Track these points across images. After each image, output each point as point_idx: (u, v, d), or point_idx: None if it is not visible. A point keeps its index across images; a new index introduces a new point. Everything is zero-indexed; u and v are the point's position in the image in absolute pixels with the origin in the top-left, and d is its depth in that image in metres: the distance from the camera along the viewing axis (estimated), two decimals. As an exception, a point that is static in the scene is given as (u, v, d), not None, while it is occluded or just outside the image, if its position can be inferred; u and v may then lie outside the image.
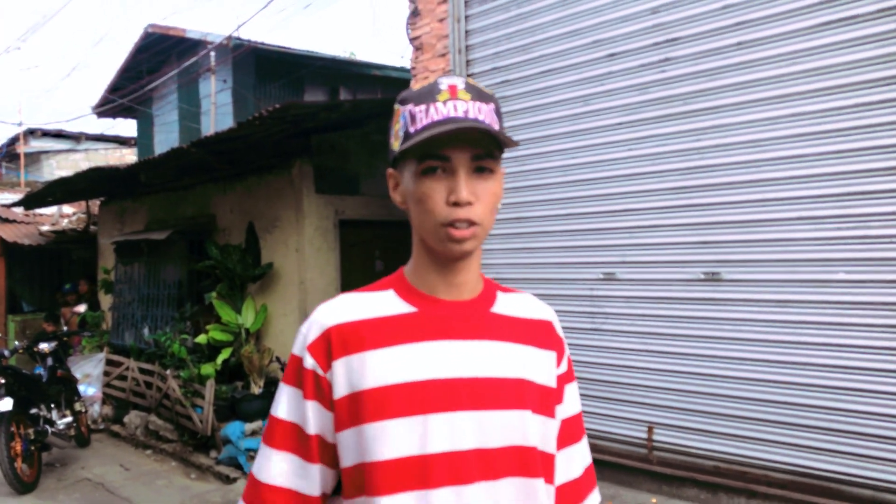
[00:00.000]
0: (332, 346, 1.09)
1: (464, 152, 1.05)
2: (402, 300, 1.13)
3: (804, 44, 3.30)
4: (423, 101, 1.07)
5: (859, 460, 3.15)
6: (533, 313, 1.21)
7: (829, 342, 3.25)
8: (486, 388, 1.09)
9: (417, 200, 1.09)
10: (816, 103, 3.27)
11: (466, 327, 1.11)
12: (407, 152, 1.07)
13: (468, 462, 1.06)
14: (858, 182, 3.17)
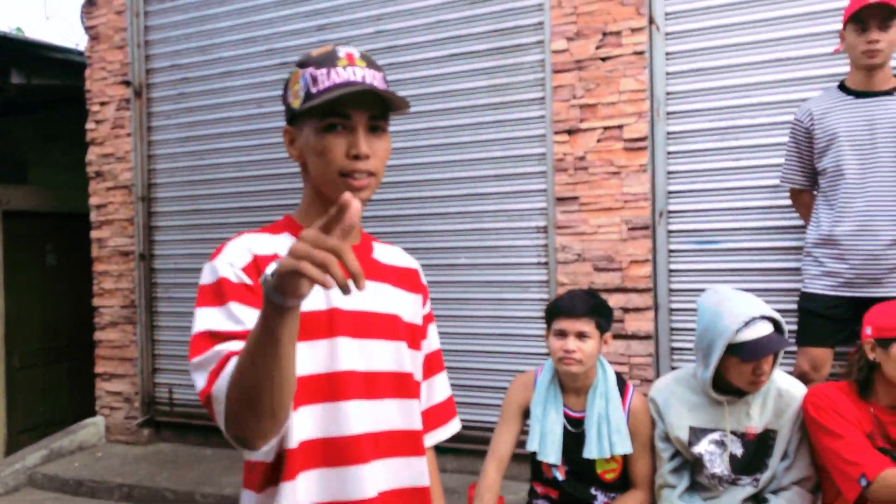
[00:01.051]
0: (260, 271, 1.16)
1: (362, 112, 1.18)
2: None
3: (446, 68, 4.02)
4: (324, 66, 1.18)
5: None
6: (402, 262, 1.38)
7: (453, 314, 3.99)
8: (371, 321, 1.25)
9: (319, 153, 1.19)
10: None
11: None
12: (311, 110, 1.17)
13: (358, 381, 1.21)
14: (472, 187, 3.95)
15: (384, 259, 1.34)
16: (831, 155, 2.74)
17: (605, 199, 3.59)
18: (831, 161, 2.74)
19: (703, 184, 3.46)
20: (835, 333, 2.76)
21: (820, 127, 2.77)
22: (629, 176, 3.52)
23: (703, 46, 3.42)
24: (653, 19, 3.47)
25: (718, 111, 3.41)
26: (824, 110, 2.78)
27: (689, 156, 3.48)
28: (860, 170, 2.68)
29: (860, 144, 2.69)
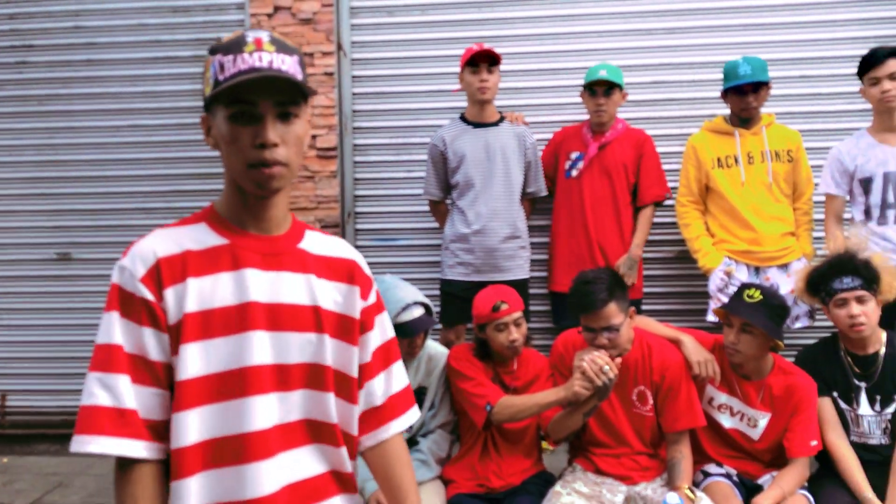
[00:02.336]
0: (162, 276, 1.18)
1: (268, 99, 1.16)
2: (215, 233, 1.25)
3: (149, 69, 4.14)
4: (231, 52, 1.17)
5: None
6: (336, 252, 1.36)
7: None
8: (284, 313, 1.24)
9: (227, 142, 1.19)
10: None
11: (271, 260, 1.25)
12: (217, 98, 1.17)
13: (267, 375, 1.22)
14: (177, 184, 4.16)
15: (314, 249, 1.33)
16: (461, 172, 3.46)
17: (302, 200, 4.04)
18: (461, 177, 3.46)
19: (384, 190, 4.07)
20: (469, 310, 3.49)
21: (451, 150, 3.48)
22: (322, 181, 4.01)
23: (385, 73, 4.03)
24: (341, 46, 4.01)
25: (396, 129, 4.04)
26: (453, 137, 3.49)
27: (373, 166, 4.07)
28: (482, 183, 3.43)
29: (481, 163, 3.43)
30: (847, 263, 2.72)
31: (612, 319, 2.58)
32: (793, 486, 2.67)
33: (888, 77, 3.04)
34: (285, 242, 1.29)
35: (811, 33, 3.82)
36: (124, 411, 1.14)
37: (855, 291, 2.67)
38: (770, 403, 2.77)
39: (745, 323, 2.67)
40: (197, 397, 1.17)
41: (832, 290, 2.73)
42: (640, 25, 3.91)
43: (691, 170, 3.45)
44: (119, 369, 1.15)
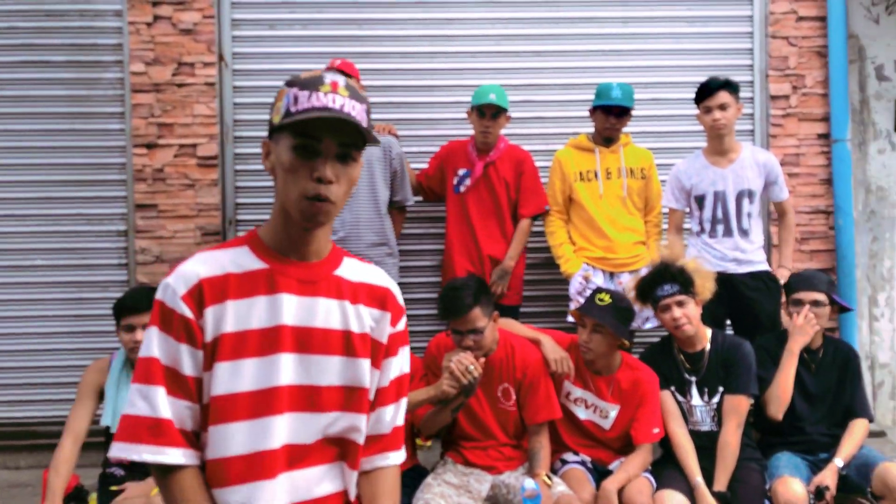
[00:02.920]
0: (204, 296, 1.25)
1: (333, 138, 1.23)
2: (256, 257, 1.31)
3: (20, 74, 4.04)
4: (308, 88, 1.24)
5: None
6: (373, 280, 1.41)
7: (29, 314, 4.08)
8: (315, 337, 1.30)
9: (287, 170, 1.25)
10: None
11: (308, 286, 1.31)
12: (285, 127, 1.23)
13: (294, 395, 1.28)
14: (50, 190, 4.08)
15: (350, 276, 1.38)
16: None
17: (182, 208, 4.06)
18: None
19: (265, 198, 4.15)
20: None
21: None
22: (202, 189, 4.05)
23: (266, 85, 4.11)
24: (222, 57, 4.07)
25: (277, 139, 4.13)
26: None
27: (254, 174, 4.14)
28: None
29: None
30: (665, 272, 3.07)
31: (477, 323, 2.80)
32: (637, 470, 2.98)
33: (718, 107, 3.43)
34: (322, 269, 1.34)
35: (662, 61, 4.22)
36: (160, 421, 1.22)
37: (674, 297, 3.02)
38: (619, 396, 3.07)
39: (596, 323, 2.96)
40: (232, 413, 1.24)
41: (656, 297, 3.07)
42: (510, 48, 4.19)
43: (557, 182, 3.75)
44: (156, 381, 1.23)
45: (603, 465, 3.11)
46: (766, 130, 4.23)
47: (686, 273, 3.06)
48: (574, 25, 4.20)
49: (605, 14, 4.21)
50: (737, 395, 3.04)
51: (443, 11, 4.16)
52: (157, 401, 1.22)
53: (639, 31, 4.22)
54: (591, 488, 2.93)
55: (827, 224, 4.22)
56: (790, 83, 4.21)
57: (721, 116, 3.43)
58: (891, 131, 4.38)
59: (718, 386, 3.07)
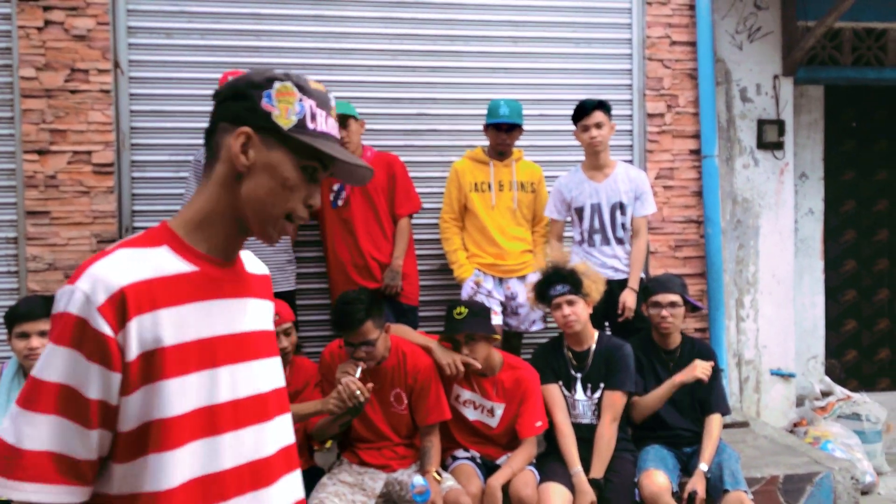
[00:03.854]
0: (128, 306, 1.05)
1: (327, 171, 1.21)
2: (180, 258, 1.14)
3: None
4: (322, 107, 1.18)
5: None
6: (259, 269, 1.32)
7: None
8: (253, 341, 1.21)
9: (283, 185, 1.15)
10: None
11: (235, 287, 1.21)
12: (297, 141, 1.14)
13: (246, 407, 1.17)
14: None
15: (251, 269, 1.29)
16: None
17: (76, 215, 4.02)
18: None
19: (162, 205, 4.15)
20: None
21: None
22: (98, 196, 4.02)
23: (164, 93, 4.12)
24: (118, 64, 4.05)
25: (175, 147, 4.14)
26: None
27: (151, 182, 4.14)
28: None
29: None
30: (556, 274, 3.32)
31: (369, 335, 2.94)
32: (522, 464, 3.20)
33: (595, 125, 3.70)
34: (240, 268, 1.25)
35: (549, 79, 4.49)
36: (24, 452, 1.02)
37: (565, 296, 3.28)
38: (504, 395, 3.29)
39: (468, 335, 3.16)
40: (180, 436, 1.08)
41: (549, 296, 3.32)
42: (407, 63, 4.35)
43: (454, 191, 3.94)
44: (43, 408, 1.03)
45: (491, 460, 3.32)
46: (643, 146, 4.56)
47: (576, 275, 3.32)
48: (467, 43, 4.41)
49: (497, 34, 4.44)
50: (615, 391, 3.32)
51: (340, 26, 4.28)
52: (33, 429, 1.03)
53: (528, 50, 4.46)
54: (479, 482, 3.13)
55: (698, 233, 4.60)
56: (665, 102, 4.56)
57: (597, 134, 3.71)
58: (754, 148, 4.81)
59: (600, 382, 3.34)
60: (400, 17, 4.35)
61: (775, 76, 4.81)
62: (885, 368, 5.38)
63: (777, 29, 4.80)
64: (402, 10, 4.35)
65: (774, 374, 4.85)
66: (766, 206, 4.82)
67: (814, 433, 4.56)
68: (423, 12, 4.37)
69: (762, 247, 4.82)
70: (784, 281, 4.84)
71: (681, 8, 4.55)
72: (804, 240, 5.16)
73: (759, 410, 4.85)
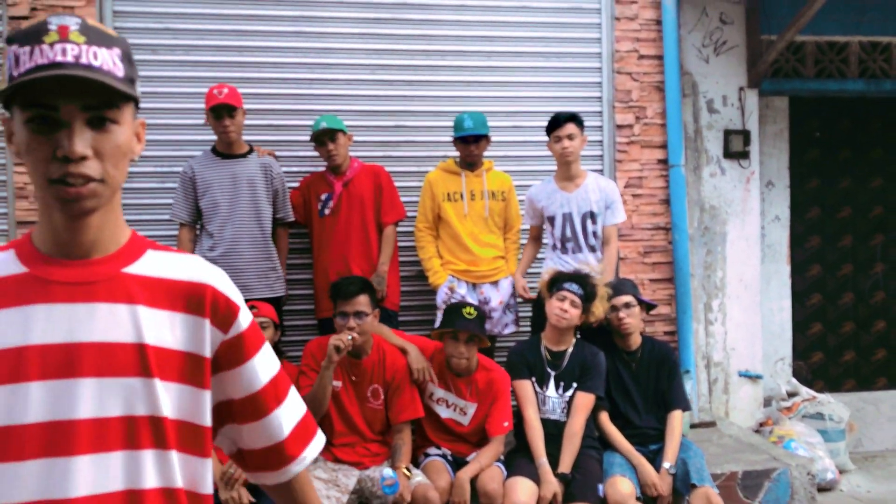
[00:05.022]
0: None
1: (74, 102, 0.95)
2: (18, 261, 1.03)
3: None
4: (29, 42, 0.95)
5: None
6: (186, 275, 1.10)
7: None
8: (88, 353, 1.00)
9: (26, 152, 0.98)
10: None
11: (80, 290, 1.02)
12: (13, 99, 0.97)
13: (62, 434, 0.97)
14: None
15: (149, 272, 1.07)
16: (208, 198, 3.81)
17: (64, 225, 4.16)
18: (208, 203, 3.81)
19: (148, 216, 4.30)
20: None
21: (200, 178, 3.82)
22: (85, 206, 4.16)
23: (149, 107, 4.23)
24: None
25: (160, 159, 4.28)
26: (203, 166, 3.83)
27: (138, 193, 4.26)
28: (228, 209, 3.80)
29: (227, 191, 3.81)
30: (581, 276, 3.55)
31: (362, 307, 3.20)
32: (489, 460, 3.37)
33: (567, 137, 3.88)
34: (106, 268, 1.04)
35: (521, 92, 4.67)
36: None
37: (574, 294, 3.46)
38: (477, 395, 3.46)
39: (471, 334, 3.34)
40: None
41: (561, 287, 3.50)
42: (384, 77, 4.53)
43: (427, 201, 4.11)
44: None
45: (461, 457, 3.48)
46: (612, 156, 4.74)
47: (594, 290, 3.49)
48: (443, 58, 4.59)
49: (471, 49, 4.61)
50: (588, 393, 3.49)
51: (320, 41, 4.45)
52: None
53: (500, 64, 4.64)
54: (449, 477, 3.30)
55: (666, 239, 4.77)
56: (633, 114, 4.74)
57: (569, 145, 3.88)
58: (721, 157, 4.99)
59: (573, 382, 3.51)
60: (378, 33, 4.53)
61: (741, 88, 5.00)
62: (850, 370, 5.55)
63: (742, 43, 4.99)
64: (380, 27, 4.53)
65: (742, 375, 5.02)
66: (732, 214, 5.00)
67: (778, 432, 4.73)
68: (400, 29, 4.54)
69: (729, 252, 5.00)
70: (751, 285, 5.02)
71: (648, 23, 4.73)
72: (771, 246, 5.34)
73: (728, 411, 5.01)
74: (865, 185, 5.54)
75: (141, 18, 4.29)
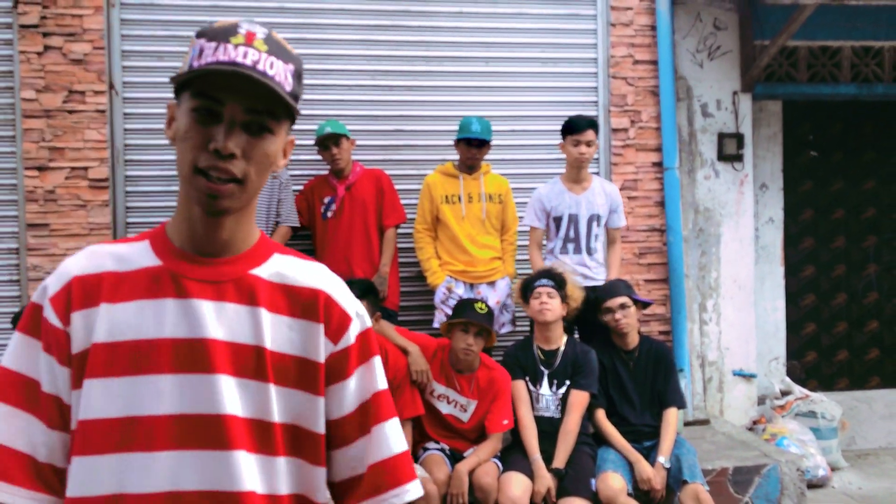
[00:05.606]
0: (72, 298, 1.02)
1: (239, 102, 0.99)
2: (153, 253, 1.06)
3: None
4: (217, 39, 1.00)
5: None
6: (306, 281, 1.10)
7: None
8: (213, 351, 1.01)
9: (182, 138, 1.01)
10: None
11: (210, 288, 1.04)
12: (185, 85, 1.01)
13: (173, 426, 1.00)
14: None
15: (274, 276, 1.09)
16: None
17: (73, 227, 4.28)
18: None
19: (155, 217, 4.41)
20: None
21: None
22: (94, 209, 4.29)
23: (156, 112, 4.38)
24: (113, 85, 4.33)
25: (167, 162, 4.41)
26: None
27: (144, 195, 4.42)
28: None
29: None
30: (545, 272, 3.70)
31: None
32: (487, 455, 3.47)
33: (585, 143, 3.97)
34: (234, 268, 1.07)
35: (519, 96, 4.77)
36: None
37: (546, 288, 3.58)
38: (478, 392, 3.56)
39: (481, 328, 3.45)
40: (97, 444, 0.99)
41: (532, 287, 3.62)
42: (385, 82, 4.64)
43: (426, 203, 4.22)
44: (4, 398, 1.00)
45: (459, 453, 3.58)
46: (608, 159, 4.84)
47: (562, 277, 3.62)
48: (442, 64, 4.70)
49: (470, 54, 4.72)
50: (583, 391, 3.59)
51: (322, 48, 4.55)
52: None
53: (499, 69, 4.75)
54: (447, 470, 3.41)
55: (661, 241, 4.87)
56: (628, 118, 4.84)
57: (587, 151, 3.99)
58: (715, 160, 5.09)
59: (566, 380, 3.61)
60: (379, 39, 4.64)
61: (734, 92, 5.10)
62: (844, 369, 5.65)
63: (735, 48, 5.09)
64: (380, 34, 4.64)
65: (736, 374, 5.12)
66: (726, 215, 5.09)
67: (771, 430, 4.83)
68: (400, 35, 4.65)
69: (723, 254, 5.09)
70: (745, 286, 5.12)
71: (643, 29, 4.83)
72: (765, 247, 5.44)
73: (723, 409, 5.11)
74: (858, 188, 5.64)
75: (147, 26, 4.40)
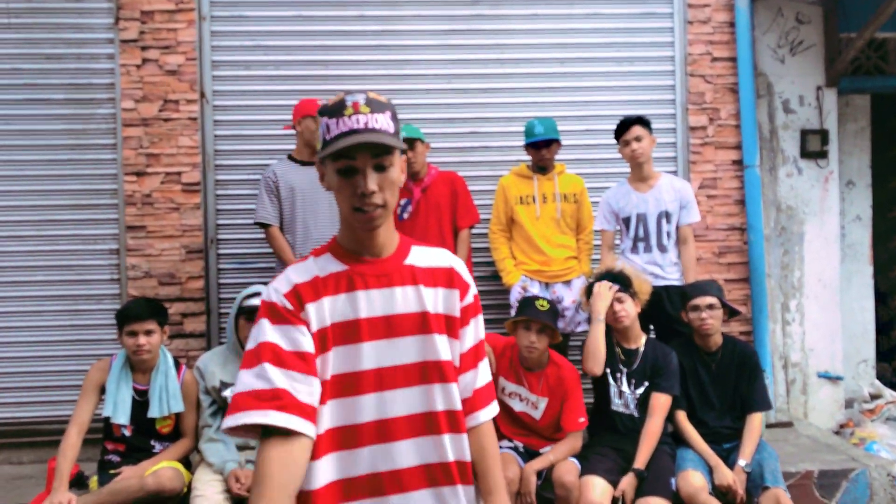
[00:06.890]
0: (301, 296, 1.44)
1: (366, 153, 1.39)
2: (337, 261, 1.51)
3: (24, 110, 4.52)
4: (334, 116, 1.41)
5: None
6: (438, 262, 1.58)
7: (29, 325, 4.54)
8: (396, 322, 1.48)
9: (337, 191, 1.44)
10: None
11: (383, 279, 1.50)
12: (327, 155, 1.40)
13: (386, 375, 1.47)
14: (47, 214, 4.55)
15: (419, 262, 1.56)
16: (289, 203, 4.05)
17: (168, 229, 4.54)
18: (290, 207, 4.05)
19: (242, 219, 4.63)
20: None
21: (282, 182, 4.06)
22: (186, 212, 4.54)
23: (243, 119, 4.62)
24: (204, 94, 4.57)
25: (253, 167, 4.62)
26: (283, 172, 4.07)
27: (233, 198, 4.64)
28: (311, 213, 4.04)
29: (308, 195, 4.05)
30: (607, 275, 3.65)
31: None
32: (563, 454, 3.49)
33: (634, 139, 3.98)
34: (393, 262, 1.52)
35: (595, 96, 4.78)
36: (275, 391, 1.34)
37: (616, 293, 3.56)
38: (547, 390, 3.59)
39: (543, 325, 3.48)
40: (355, 387, 1.44)
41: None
42: (461, 86, 4.73)
43: (500, 205, 4.28)
44: (266, 359, 1.37)
45: (534, 450, 3.61)
46: (686, 157, 4.80)
47: (625, 275, 3.62)
48: (517, 66, 4.76)
49: (545, 56, 4.76)
50: (664, 393, 3.55)
51: (399, 54, 4.69)
52: (268, 374, 1.35)
53: (574, 70, 4.77)
54: (517, 468, 3.44)
55: (741, 240, 4.79)
56: (707, 116, 4.78)
57: (637, 147, 3.98)
58: (797, 157, 4.96)
59: (644, 381, 3.59)
60: (454, 44, 4.73)
61: (818, 87, 4.96)
62: (938, 373, 5.41)
63: (819, 42, 4.95)
64: (456, 38, 4.73)
65: (822, 376, 4.97)
66: (810, 213, 4.96)
67: (860, 434, 4.67)
68: (475, 39, 4.74)
69: (807, 252, 4.96)
70: (830, 285, 4.97)
71: (721, 26, 4.77)
72: (852, 245, 5.26)
73: (807, 412, 4.97)
74: (953, 183, 5.40)
75: (236, 37, 4.63)
